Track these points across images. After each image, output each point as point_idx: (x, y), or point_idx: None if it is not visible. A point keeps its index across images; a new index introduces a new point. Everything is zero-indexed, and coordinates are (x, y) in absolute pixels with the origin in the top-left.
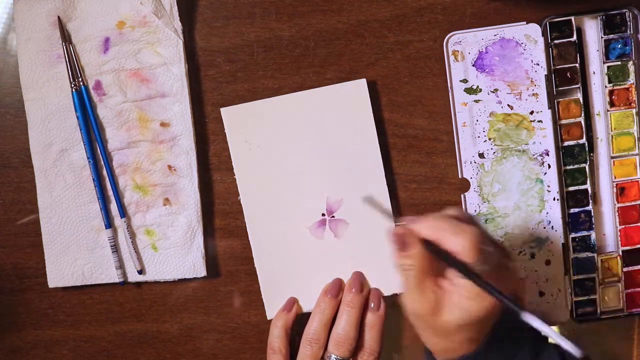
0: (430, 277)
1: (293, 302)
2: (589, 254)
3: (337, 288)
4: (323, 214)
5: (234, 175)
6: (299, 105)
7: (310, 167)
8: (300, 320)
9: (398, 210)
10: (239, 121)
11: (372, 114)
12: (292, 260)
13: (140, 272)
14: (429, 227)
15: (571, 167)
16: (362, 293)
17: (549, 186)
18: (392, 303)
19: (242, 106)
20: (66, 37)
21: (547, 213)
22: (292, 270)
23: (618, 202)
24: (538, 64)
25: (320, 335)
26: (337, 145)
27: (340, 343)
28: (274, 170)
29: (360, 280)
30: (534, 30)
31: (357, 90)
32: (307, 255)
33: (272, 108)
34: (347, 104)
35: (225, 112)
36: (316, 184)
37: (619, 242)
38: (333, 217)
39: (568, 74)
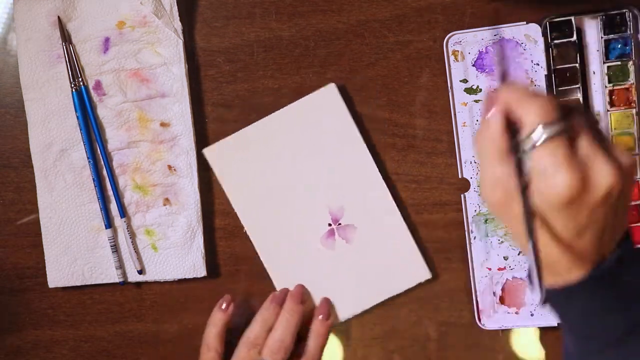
0: (505, 160)
1: (230, 301)
2: None
3: (283, 297)
4: (330, 224)
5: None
6: (277, 126)
7: (305, 182)
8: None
9: (399, 210)
10: (224, 157)
11: (350, 116)
12: (310, 276)
13: (140, 272)
14: (510, 90)
15: None
16: (301, 304)
17: None
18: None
19: (223, 142)
20: (66, 37)
21: None
22: (311, 285)
23: None
24: (538, 64)
25: (260, 340)
26: (325, 154)
27: (275, 350)
28: (270, 195)
29: (301, 292)
30: (534, 30)
31: (329, 96)
32: (322, 268)
33: (253, 135)
34: (323, 112)
35: (208, 152)
36: (315, 197)
37: None
38: (340, 224)
39: (568, 74)
